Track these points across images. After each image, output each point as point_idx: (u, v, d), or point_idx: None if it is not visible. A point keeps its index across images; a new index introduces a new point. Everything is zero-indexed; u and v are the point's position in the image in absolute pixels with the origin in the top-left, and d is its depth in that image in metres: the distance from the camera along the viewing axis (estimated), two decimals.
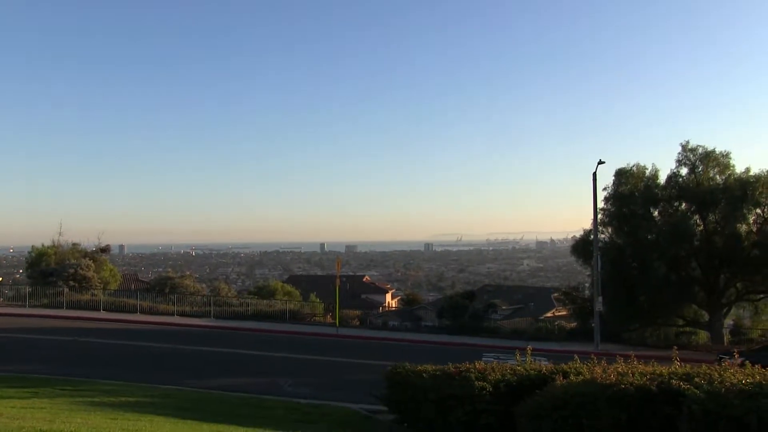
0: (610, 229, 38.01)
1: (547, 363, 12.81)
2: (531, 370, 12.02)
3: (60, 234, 45.23)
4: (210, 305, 38.19)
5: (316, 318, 39.42)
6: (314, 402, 16.35)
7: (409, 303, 71.15)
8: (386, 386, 13.08)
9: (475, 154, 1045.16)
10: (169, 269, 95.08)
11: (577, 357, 12.61)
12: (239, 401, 15.68)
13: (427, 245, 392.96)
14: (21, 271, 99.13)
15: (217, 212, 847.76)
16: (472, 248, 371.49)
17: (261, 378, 20.56)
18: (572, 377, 10.50)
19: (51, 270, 40.88)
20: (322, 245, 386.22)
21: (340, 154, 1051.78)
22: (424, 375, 12.16)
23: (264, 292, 48.57)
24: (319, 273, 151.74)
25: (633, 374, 9.46)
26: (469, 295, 46.10)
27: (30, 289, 38.56)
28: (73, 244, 44.52)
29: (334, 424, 13.18)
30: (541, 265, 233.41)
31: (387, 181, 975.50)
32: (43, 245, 44.31)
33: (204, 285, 60.26)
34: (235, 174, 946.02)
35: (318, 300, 45.35)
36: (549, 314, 56.55)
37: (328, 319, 39.45)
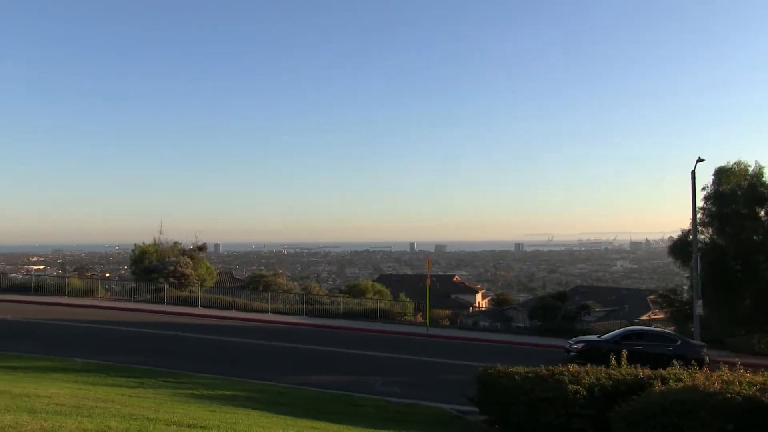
0: (710, 230, 36.64)
1: (643, 368, 12.45)
2: (627, 374, 11.77)
3: (161, 233, 47.03)
4: (302, 303, 38.83)
5: (407, 317, 39.50)
6: (404, 401, 16.43)
7: (499, 303, 70.59)
8: (477, 387, 13.04)
9: (566, 153, 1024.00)
10: (263, 268, 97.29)
11: (675, 362, 12.23)
12: (331, 398, 15.90)
13: (518, 245, 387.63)
14: (126, 267, 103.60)
15: (309, 212, 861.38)
16: (563, 248, 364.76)
17: (352, 376, 20.78)
18: (671, 383, 10.23)
19: (153, 267, 42.49)
20: (411, 245, 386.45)
21: (430, 154, 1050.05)
22: (516, 377, 12.06)
23: (355, 290, 49.02)
24: (409, 272, 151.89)
25: (740, 383, 9.09)
26: (561, 296, 45.44)
27: (134, 285, 40.23)
28: (174, 243, 46.13)
29: (425, 424, 13.20)
30: (635, 266, 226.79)
31: (476, 181, 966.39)
32: (145, 243, 46.11)
33: (296, 283, 61.29)
34: (327, 174, 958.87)
35: (408, 299, 45.40)
36: (645, 317, 55.04)
37: (419, 318, 39.49)
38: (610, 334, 27.67)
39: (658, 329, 30.43)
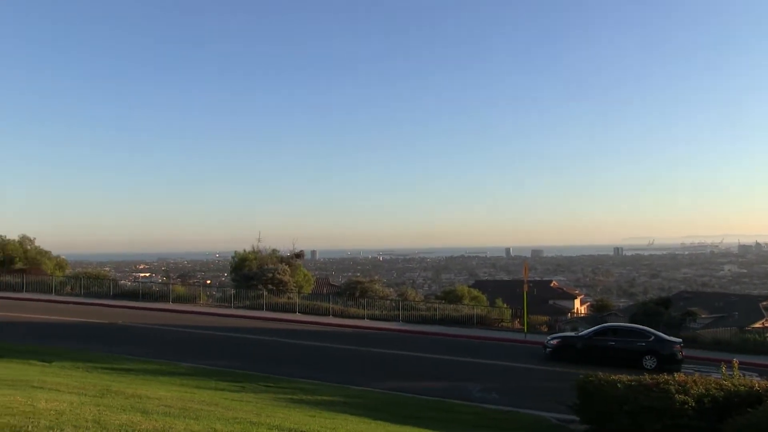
0: None
1: (759, 379, 11.87)
2: (740, 385, 11.23)
3: (259, 240, 48.31)
4: (398, 309, 38.98)
5: (504, 323, 39.10)
6: (502, 408, 16.25)
7: (598, 309, 68.97)
8: (577, 395, 12.74)
9: (667, 153, 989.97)
10: (359, 274, 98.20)
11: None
12: (428, 404, 15.87)
13: (617, 249, 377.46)
14: (226, 274, 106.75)
15: (405, 218, 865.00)
16: (665, 252, 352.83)
17: (449, 382, 20.69)
18: None
19: (252, 274, 43.57)
20: (507, 250, 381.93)
21: (522, 158, 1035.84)
22: (618, 385, 11.73)
23: (451, 296, 48.87)
24: (505, 278, 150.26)
25: None
26: (664, 302, 43.95)
27: (234, 292, 41.36)
28: (272, 250, 47.16)
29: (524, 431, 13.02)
30: (744, 270, 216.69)
31: (573, 184, 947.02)
32: (244, 251, 47.37)
33: (392, 289, 61.55)
34: (421, 180, 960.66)
35: (505, 305, 44.88)
36: (757, 324, 52.40)
37: (516, 324, 39.02)
38: (586, 330, 28.12)
39: (634, 325, 29.95)
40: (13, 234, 53.08)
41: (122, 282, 48.56)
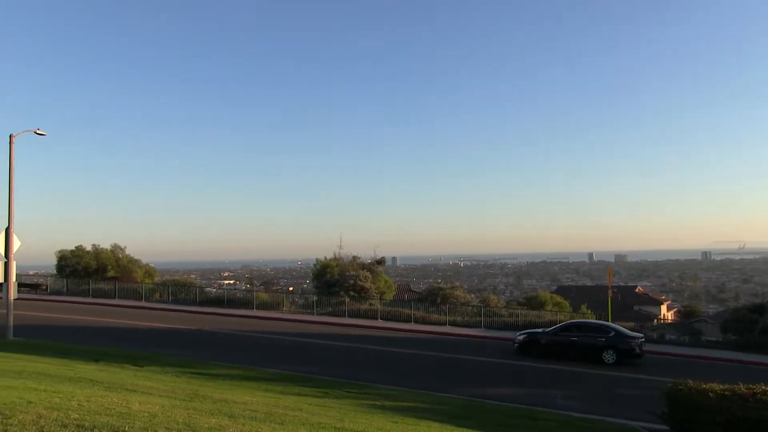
0: None
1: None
2: None
3: (341, 247, 48.78)
4: (480, 315, 38.70)
5: None
6: (587, 416, 15.93)
7: (686, 315, 66.91)
8: (666, 404, 12.37)
9: (758, 153, 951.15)
10: (440, 280, 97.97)
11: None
12: (510, 411, 15.68)
13: (705, 253, 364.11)
14: (308, 281, 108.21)
15: (485, 223, 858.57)
16: (757, 256, 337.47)
17: (531, 389, 20.46)
18: None
19: (333, 281, 44.00)
20: (590, 255, 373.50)
21: (604, 161, 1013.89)
22: (710, 394, 11.31)
23: (533, 302, 48.26)
24: (588, 283, 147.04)
25: None
26: (758, 308, 42.03)
27: (316, 299, 41.90)
28: (353, 257, 47.52)
29: None
30: None
31: (658, 187, 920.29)
32: (326, 258, 47.89)
33: (473, 295, 61.16)
34: (502, 186, 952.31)
35: (589, 311, 43.93)
36: None
37: None
38: (552, 327, 29.22)
39: (598, 321, 32.02)
40: (105, 243, 55.40)
41: (208, 289, 49.88)
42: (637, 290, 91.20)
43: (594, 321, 32.29)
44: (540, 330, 29.15)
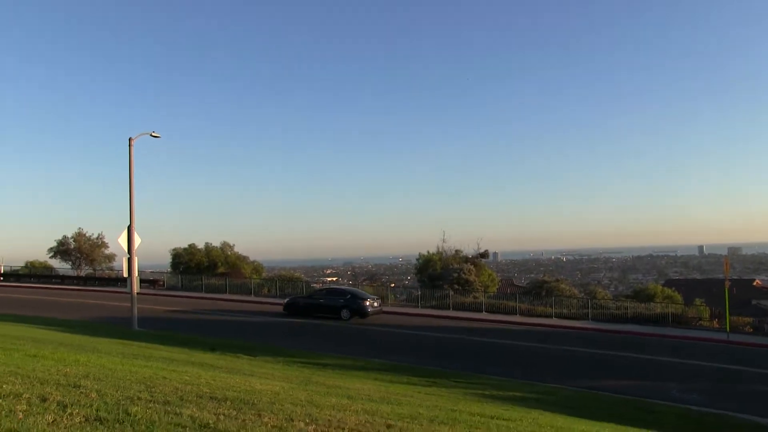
0: None
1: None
2: None
3: (444, 241, 48.79)
4: (587, 308, 37.96)
5: (701, 323, 36.90)
6: (707, 410, 15.38)
7: None
8: None
9: None
10: (544, 274, 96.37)
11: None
12: (623, 403, 15.36)
13: None
14: (409, 277, 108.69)
15: (587, 218, 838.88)
16: None
17: (644, 381, 19.92)
18: None
19: (437, 274, 44.15)
20: (700, 248, 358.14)
21: (713, 151, 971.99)
22: None
23: (641, 295, 46.85)
24: (698, 277, 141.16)
25: None
26: None
27: (420, 292, 42.11)
28: (456, 251, 47.49)
29: None
30: None
31: None
32: (429, 252, 48.06)
33: (577, 290, 59.94)
34: (605, 179, 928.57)
35: (702, 304, 42.20)
36: None
37: (714, 324, 36.72)
38: (307, 294, 37.15)
39: (338, 287, 41.54)
40: (216, 241, 57.54)
41: (313, 285, 50.90)
42: (755, 284, 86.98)
43: (337, 287, 40.36)
44: (302, 296, 36.40)
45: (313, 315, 32.48)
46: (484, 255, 47.71)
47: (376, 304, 33.29)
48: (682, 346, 28.52)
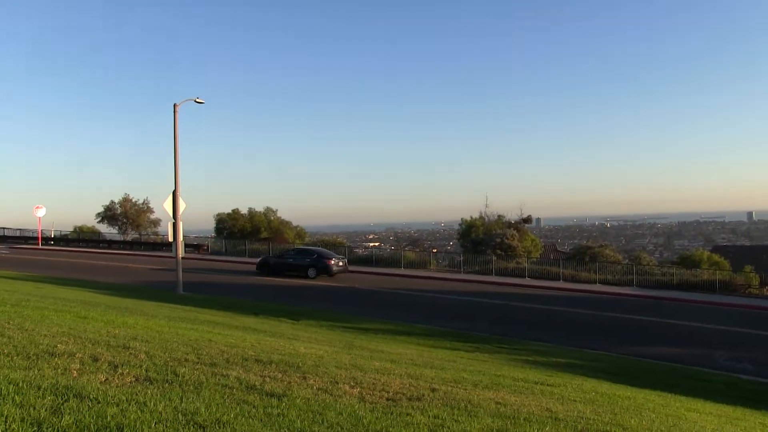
0: None
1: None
2: None
3: (486, 206, 48.47)
4: (632, 274, 37.55)
5: (751, 290, 36.19)
6: (757, 380, 15.11)
7: None
8: None
9: None
10: (588, 239, 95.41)
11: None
12: (671, 370, 15.16)
13: None
14: (452, 243, 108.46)
15: (631, 183, 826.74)
16: None
17: (692, 349, 19.63)
18: None
19: (479, 240, 43.94)
20: (749, 214, 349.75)
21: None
22: None
23: (687, 262, 45.98)
24: (747, 243, 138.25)
25: None
26: None
27: (462, 258, 42.01)
28: (498, 216, 47.17)
29: None
30: None
31: None
32: (471, 217, 47.81)
33: (621, 255, 59.23)
34: (651, 144, 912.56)
35: (752, 272, 41.26)
36: None
37: (764, 291, 36.02)
38: (277, 254, 39.70)
39: (305, 247, 41.23)
40: (259, 206, 58.07)
41: (356, 250, 51.12)
42: None
43: (305, 247, 40.31)
44: (271, 256, 38.83)
45: (283, 274, 34.54)
46: (527, 220, 47.30)
47: (341, 263, 35.28)
48: (731, 313, 28.06)
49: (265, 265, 35.43)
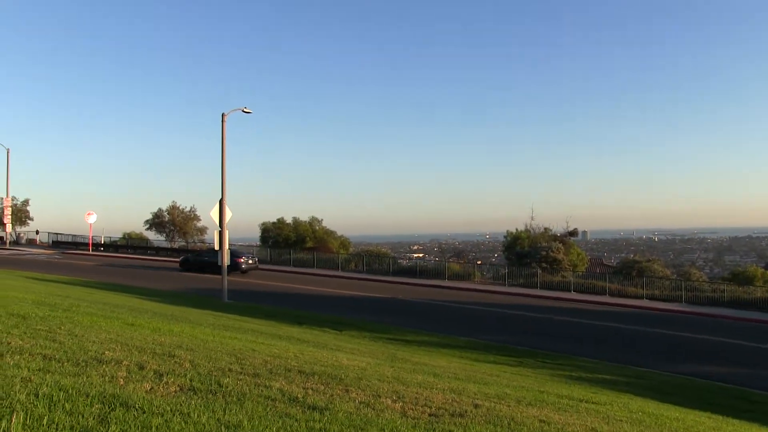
0: None
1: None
2: None
3: (532, 219, 48.03)
4: (680, 290, 36.77)
5: None
6: None
7: None
8: None
9: None
10: (635, 253, 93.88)
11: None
12: (720, 390, 14.82)
13: None
14: (496, 255, 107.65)
15: (681, 196, 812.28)
16: None
17: (743, 369, 19.18)
18: None
19: (525, 252, 43.58)
20: None
21: None
22: None
23: (739, 278, 44.93)
24: None
25: None
26: None
27: (507, 270, 41.69)
28: (544, 229, 46.76)
29: None
30: None
31: None
32: (517, 230, 47.47)
33: (669, 270, 58.10)
34: (701, 157, 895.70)
35: None
36: None
37: None
38: (197, 252, 42.89)
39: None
40: (304, 216, 58.50)
41: (400, 260, 51.08)
42: None
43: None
44: (191, 254, 42.08)
45: (201, 270, 38.20)
46: (573, 233, 46.82)
47: (250, 261, 39.60)
48: None
49: (187, 262, 39.93)
